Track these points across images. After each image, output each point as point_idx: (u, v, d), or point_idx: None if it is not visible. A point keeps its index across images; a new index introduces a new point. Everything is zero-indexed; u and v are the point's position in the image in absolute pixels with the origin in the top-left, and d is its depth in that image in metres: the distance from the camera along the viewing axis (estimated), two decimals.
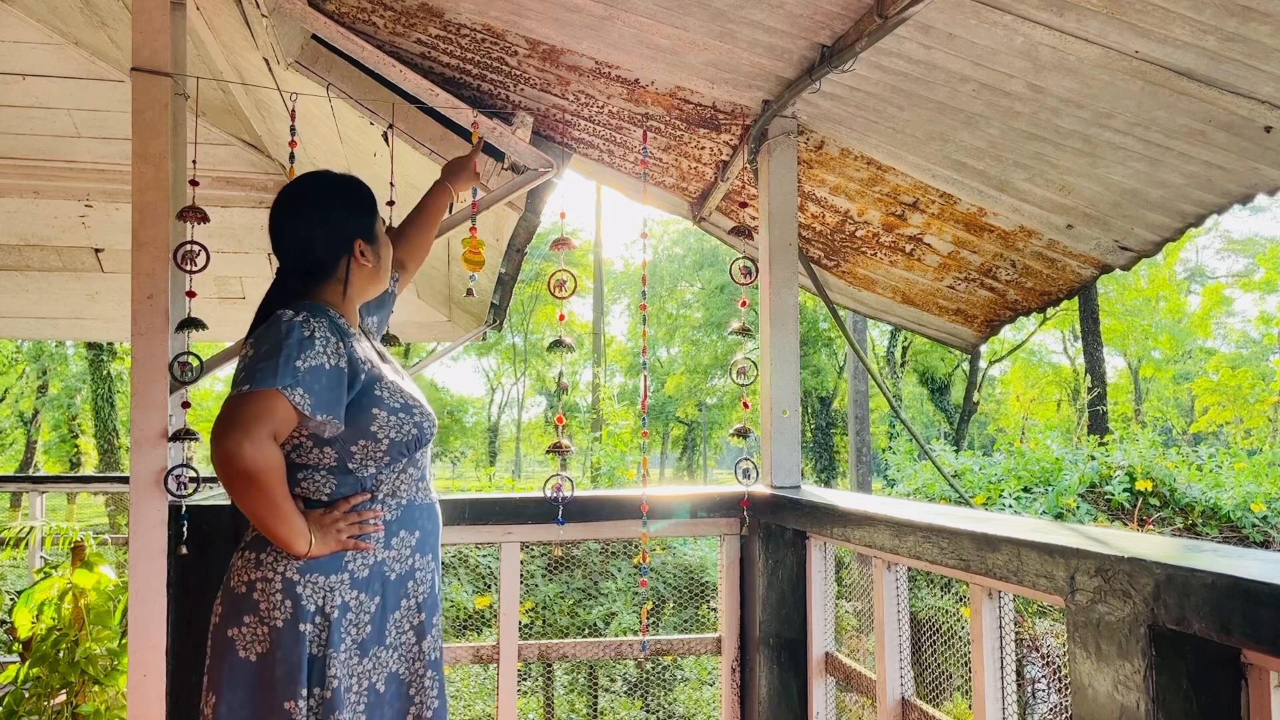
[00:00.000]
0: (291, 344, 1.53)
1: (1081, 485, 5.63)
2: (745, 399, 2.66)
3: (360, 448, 1.61)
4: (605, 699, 5.58)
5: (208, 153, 4.36)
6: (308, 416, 1.52)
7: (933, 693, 4.52)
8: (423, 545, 1.72)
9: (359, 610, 1.60)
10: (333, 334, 1.61)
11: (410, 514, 1.69)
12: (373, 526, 1.62)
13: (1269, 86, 2.09)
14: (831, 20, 2.28)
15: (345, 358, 1.60)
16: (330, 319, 1.65)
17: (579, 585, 5.25)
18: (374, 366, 1.67)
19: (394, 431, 1.63)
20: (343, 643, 1.57)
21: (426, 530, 1.74)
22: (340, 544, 1.59)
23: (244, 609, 1.59)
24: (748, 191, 3.07)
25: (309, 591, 1.57)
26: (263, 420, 1.48)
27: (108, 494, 13.61)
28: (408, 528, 1.69)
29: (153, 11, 2.32)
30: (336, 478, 1.63)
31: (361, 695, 1.60)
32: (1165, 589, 1.26)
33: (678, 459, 34.59)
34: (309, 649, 1.55)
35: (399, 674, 1.67)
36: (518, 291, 5.35)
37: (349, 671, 1.58)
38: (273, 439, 1.50)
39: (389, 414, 1.62)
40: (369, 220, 1.77)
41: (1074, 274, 3.28)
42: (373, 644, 1.62)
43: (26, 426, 22.36)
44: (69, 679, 3.11)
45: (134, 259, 2.29)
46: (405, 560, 1.68)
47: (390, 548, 1.65)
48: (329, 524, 1.59)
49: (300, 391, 1.50)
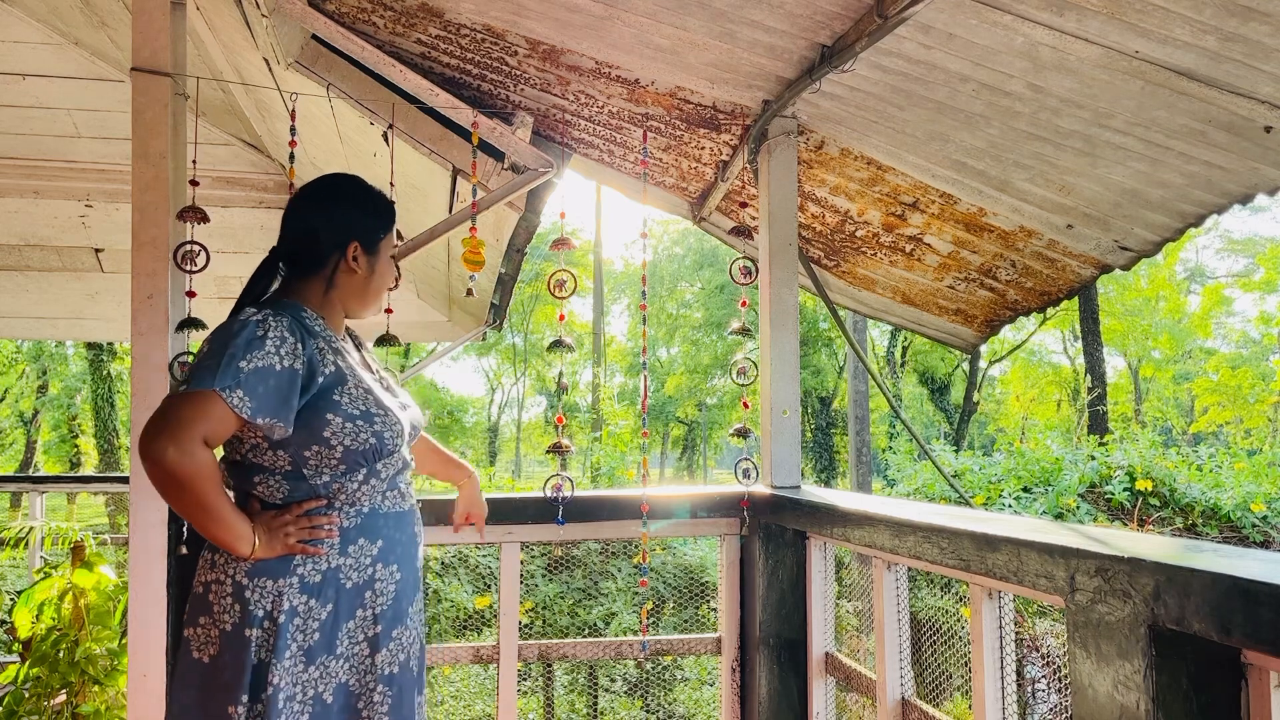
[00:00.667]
0: (239, 344, 1.50)
1: (1081, 485, 5.63)
2: (745, 399, 2.66)
3: (314, 453, 1.57)
4: (605, 699, 5.58)
5: (208, 153, 4.36)
6: (247, 420, 1.50)
7: (933, 693, 4.52)
8: (386, 555, 1.65)
9: (307, 616, 1.55)
10: (291, 334, 1.56)
11: (372, 522, 1.63)
12: (325, 532, 1.57)
13: (1269, 86, 2.09)
14: (831, 20, 2.28)
15: (303, 359, 1.56)
16: (296, 318, 1.62)
17: (579, 585, 5.25)
18: (339, 371, 1.62)
19: (349, 439, 1.58)
20: (287, 649, 1.53)
21: (392, 540, 1.66)
22: (287, 548, 1.55)
23: (199, 610, 1.59)
24: (748, 191, 3.07)
25: (257, 596, 1.54)
26: (193, 423, 1.45)
27: (108, 494, 13.60)
28: (368, 536, 1.62)
29: (153, 11, 2.32)
30: (290, 483, 1.60)
31: (306, 704, 1.54)
32: (1165, 589, 1.26)
33: (678, 459, 34.59)
34: (254, 655, 1.52)
35: (348, 685, 1.60)
36: (518, 291, 5.35)
37: (293, 680, 1.53)
38: (203, 442, 1.46)
39: (345, 420, 1.57)
40: (376, 230, 1.75)
41: (1074, 274, 3.28)
42: (320, 652, 1.56)
43: (26, 426, 22.37)
44: (69, 679, 3.11)
45: (134, 259, 2.29)
46: (364, 569, 1.62)
47: (346, 555, 1.59)
48: (277, 527, 1.56)
49: (240, 394, 1.47)
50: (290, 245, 1.72)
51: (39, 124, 4.21)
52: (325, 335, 1.66)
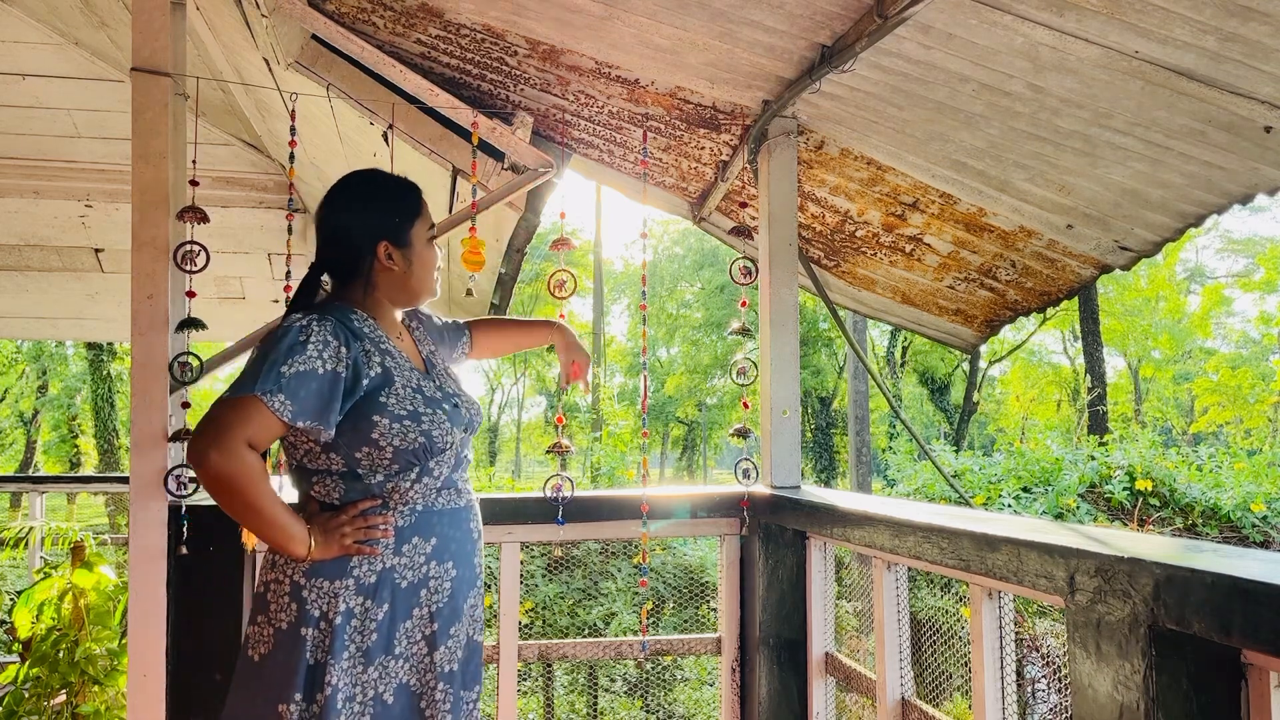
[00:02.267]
0: (281, 349, 1.52)
1: (1081, 485, 5.63)
2: (745, 399, 2.66)
3: (365, 454, 1.59)
4: (605, 699, 5.58)
5: (208, 153, 4.36)
6: (288, 424, 1.51)
7: (933, 693, 4.52)
8: (440, 553, 1.65)
9: (365, 618, 1.56)
10: (335, 338, 1.57)
11: (426, 520, 1.64)
12: (381, 532, 1.59)
13: (1269, 86, 2.09)
14: (831, 20, 2.28)
15: (346, 363, 1.57)
16: (343, 321, 1.63)
17: (579, 585, 5.25)
18: (385, 373, 1.62)
19: (398, 440, 1.58)
20: (345, 650, 1.54)
21: (447, 537, 1.67)
22: (343, 548, 1.57)
23: (258, 609, 1.61)
24: (748, 191, 3.07)
25: (313, 596, 1.56)
26: (234, 427, 1.48)
27: (108, 494, 13.61)
28: (422, 534, 1.63)
29: (153, 11, 2.32)
30: (345, 483, 1.61)
31: (367, 705, 1.55)
32: (1165, 589, 1.26)
33: (678, 459, 34.59)
34: (308, 655, 1.53)
35: (409, 685, 1.61)
36: (518, 291, 5.35)
37: (352, 680, 1.54)
38: (248, 445, 1.49)
39: (392, 421, 1.58)
40: (401, 224, 1.72)
41: (1074, 274, 3.28)
42: (379, 653, 1.57)
43: (26, 426, 22.37)
44: (69, 679, 3.11)
45: (134, 259, 2.28)
46: (418, 568, 1.62)
47: (401, 554, 1.60)
48: (333, 528, 1.57)
49: (281, 398, 1.49)
50: (323, 255, 1.73)
51: (39, 124, 4.21)
52: (374, 337, 1.66)
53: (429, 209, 1.79)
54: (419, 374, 1.71)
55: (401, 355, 1.71)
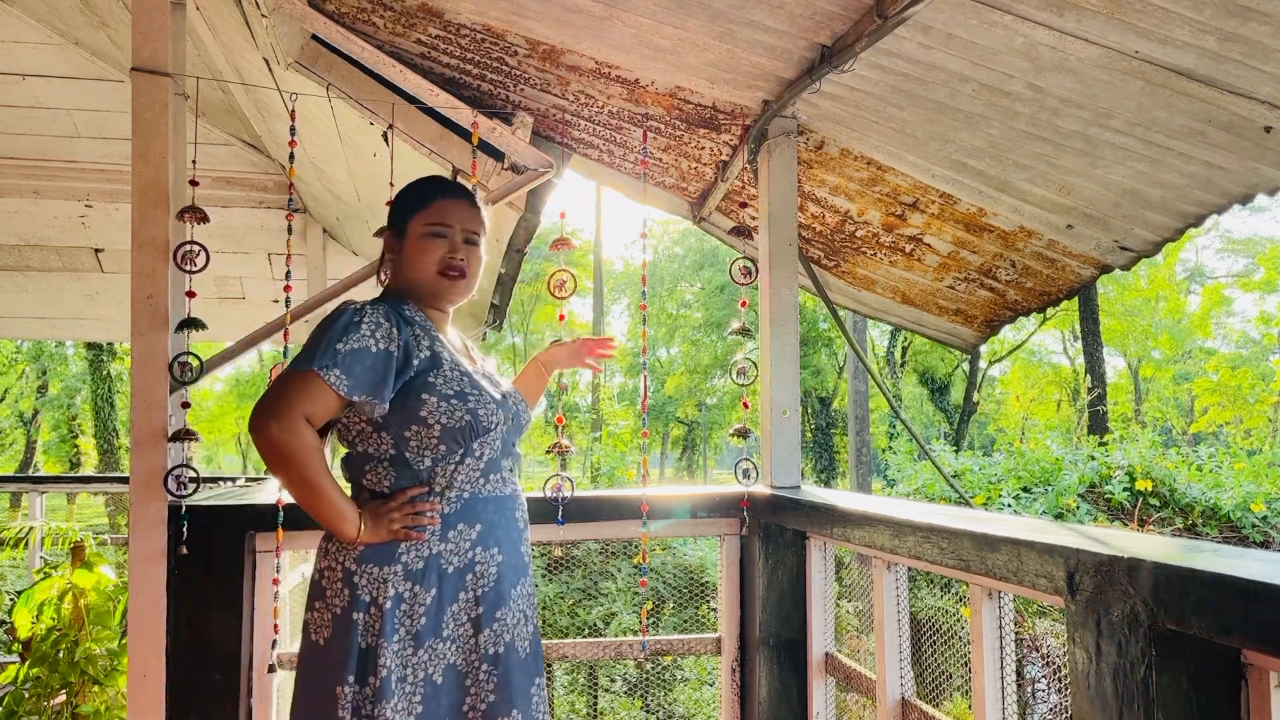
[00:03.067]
0: (337, 329, 1.61)
1: (1081, 485, 5.63)
2: (745, 399, 2.66)
3: (414, 434, 1.65)
4: (605, 699, 5.58)
5: (208, 153, 4.36)
6: (344, 397, 1.59)
7: (933, 693, 4.52)
8: (485, 538, 1.70)
9: (413, 602, 1.62)
10: (387, 320, 1.65)
11: (471, 507, 1.69)
12: (428, 519, 1.64)
13: (1269, 86, 2.09)
14: (831, 20, 2.28)
15: (398, 343, 1.65)
16: (395, 308, 1.71)
17: (579, 585, 5.25)
18: (435, 355, 1.69)
19: (445, 417, 1.64)
20: (395, 634, 1.60)
21: (491, 523, 1.72)
22: (391, 534, 1.63)
23: (315, 595, 1.68)
24: (748, 191, 3.07)
25: (364, 582, 1.62)
26: (294, 402, 1.56)
27: (108, 494, 13.60)
28: (467, 521, 1.68)
29: (153, 11, 2.32)
30: (395, 470, 1.67)
31: (418, 686, 1.61)
32: (1165, 589, 1.26)
33: (678, 459, 34.59)
34: (359, 639, 1.60)
35: (456, 665, 1.66)
36: (518, 292, 5.35)
37: (403, 662, 1.60)
38: (306, 421, 1.57)
39: (439, 399, 1.65)
40: (401, 213, 1.82)
41: (1074, 274, 3.28)
42: (428, 636, 1.62)
43: (26, 426, 22.36)
44: (69, 679, 3.11)
45: (134, 259, 2.28)
46: (463, 553, 1.67)
47: (447, 540, 1.66)
48: (383, 513, 1.64)
49: (337, 373, 1.57)
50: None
51: (39, 124, 4.21)
52: (424, 325, 1.75)
53: (449, 207, 1.80)
54: (467, 362, 1.79)
55: (451, 345, 1.79)
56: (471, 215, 1.81)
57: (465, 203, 1.82)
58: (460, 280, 1.78)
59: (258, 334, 2.77)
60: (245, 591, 2.37)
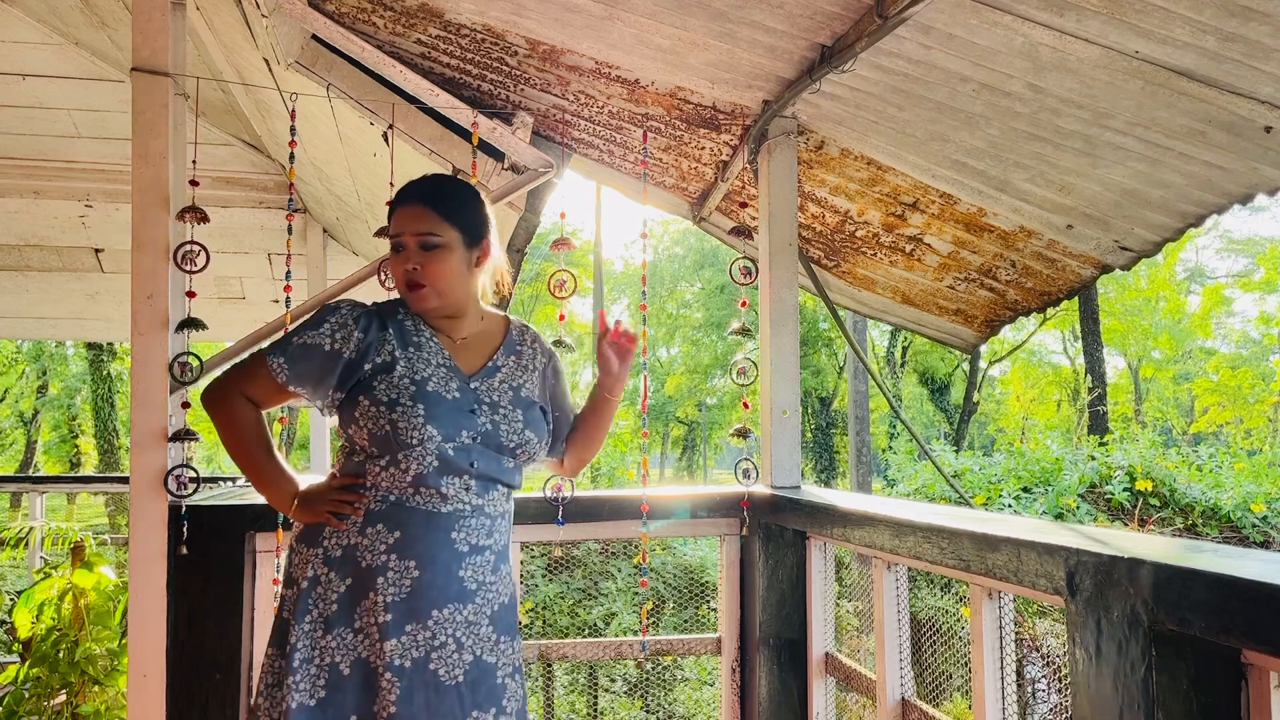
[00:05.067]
0: (305, 324, 1.70)
1: (1081, 485, 5.63)
2: (745, 399, 2.66)
3: (354, 431, 1.69)
4: (605, 699, 5.58)
5: (208, 153, 4.36)
6: (282, 385, 1.69)
7: (933, 693, 4.52)
8: (402, 548, 1.63)
9: (328, 587, 1.65)
10: (356, 322, 1.69)
11: (394, 513, 1.65)
12: (350, 509, 1.67)
13: (1269, 86, 2.09)
14: (831, 20, 2.28)
15: (355, 346, 1.68)
16: (383, 312, 1.75)
17: (579, 585, 5.25)
18: (391, 360, 1.69)
19: (370, 422, 1.65)
20: (308, 614, 1.64)
21: (413, 536, 1.64)
22: (315, 515, 1.69)
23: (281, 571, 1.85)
24: (748, 191, 3.07)
25: (295, 560, 1.71)
26: (235, 380, 1.72)
27: (108, 494, 13.61)
28: (387, 524, 1.64)
29: (153, 11, 2.32)
30: (344, 459, 1.74)
31: (323, 670, 1.62)
32: (1165, 589, 1.26)
33: (678, 459, 34.58)
34: (284, 611, 1.68)
35: (368, 661, 1.62)
36: (518, 291, 5.35)
37: (311, 643, 1.63)
38: (245, 397, 1.71)
39: (372, 404, 1.65)
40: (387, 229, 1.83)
41: (1074, 274, 3.28)
42: (338, 624, 1.64)
43: (26, 426, 22.35)
44: (69, 679, 3.11)
45: (134, 259, 2.28)
46: (378, 554, 1.63)
47: (364, 535, 1.65)
48: (316, 494, 1.71)
49: (281, 361, 1.68)
50: None
51: (39, 124, 4.21)
52: (407, 328, 1.74)
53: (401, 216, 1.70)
54: (446, 372, 1.71)
55: (434, 350, 1.73)
56: (421, 217, 1.68)
57: (415, 206, 1.69)
58: (420, 291, 1.68)
59: (258, 334, 2.77)
60: (245, 592, 2.37)
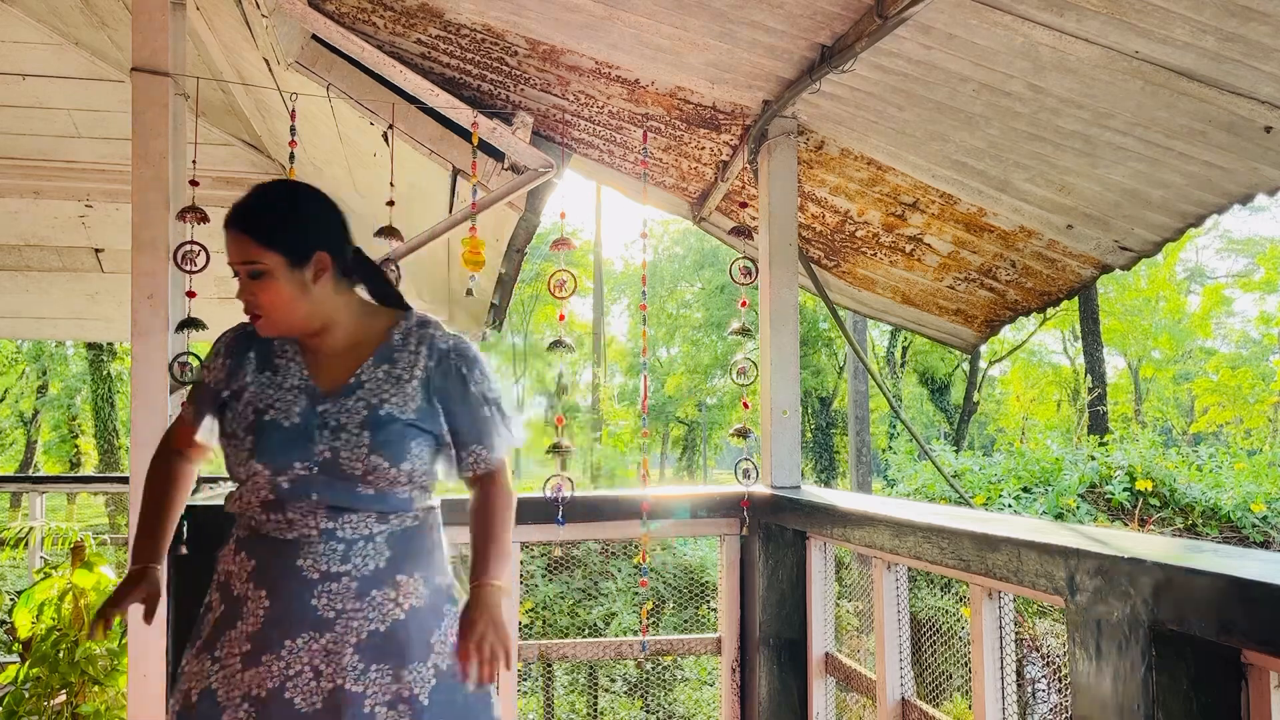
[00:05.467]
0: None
1: (1081, 485, 5.63)
2: (745, 399, 2.66)
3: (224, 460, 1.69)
4: (605, 699, 5.58)
5: (208, 153, 4.35)
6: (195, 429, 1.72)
7: (933, 693, 4.52)
8: (258, 577, 1.55)
9: (209, 610, 1.62)
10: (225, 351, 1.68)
11: (250, 540, 1.59)
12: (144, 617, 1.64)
13: (1269, 86, 2.09)
14: (831, 20, 2.28)
15: (219, 376, 1.67)
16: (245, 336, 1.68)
17: (579, 585, 5.25)
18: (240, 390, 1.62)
19: (222, 452, 1.68)
20: (199, 635, 1.61)
21: (264, 563, 1.56)
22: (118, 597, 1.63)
23: None
24: (748, 191, 3.07)
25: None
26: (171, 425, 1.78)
27: (108, 494, 13.61)
28: (247, 551, 1.59)
29: (153, 11, 2.32)
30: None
31: (178, 695, 1.58)
32: (1165, 589, 1.26)
33: (678, 459, 34.57)
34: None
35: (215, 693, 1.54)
36: (518, 291, 5.34)
37: (187, 664, 1.60)
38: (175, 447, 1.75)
39: (222, 434, 1.66)
40: None
41: (1074, 274, 3.28)
42: (205, 649, 1.57)
43: (26, 426, 22.35)
44: (69, 679, 3.11)
45: (134, 259, 2.29)
46: (244, 582, 1.57)
47: (234, 563, 1.60)
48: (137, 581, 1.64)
49: (192, 408, 1.72)
50: None
51: (39, 124, 4.21)
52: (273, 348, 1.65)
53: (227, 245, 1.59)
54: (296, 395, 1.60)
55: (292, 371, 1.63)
56: (239, 245, 1.55)
57: (232, 232, 1.56)
58: (259, 321, 1.58)
59: None
60: None
